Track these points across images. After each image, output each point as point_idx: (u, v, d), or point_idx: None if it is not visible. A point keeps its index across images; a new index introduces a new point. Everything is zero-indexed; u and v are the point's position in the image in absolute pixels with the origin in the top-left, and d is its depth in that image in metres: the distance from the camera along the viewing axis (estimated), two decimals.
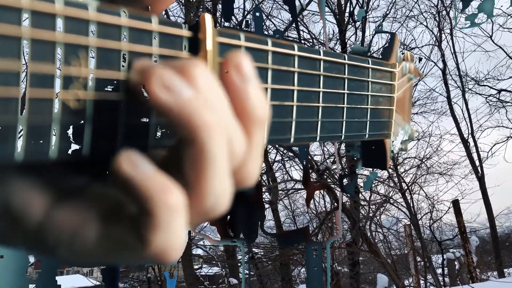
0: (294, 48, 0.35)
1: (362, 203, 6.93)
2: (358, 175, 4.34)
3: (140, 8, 0.28)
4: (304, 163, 3.19)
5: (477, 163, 9.30)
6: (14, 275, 1.79)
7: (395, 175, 7.26)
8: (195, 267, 7.50)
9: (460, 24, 9.43)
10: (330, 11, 7.24)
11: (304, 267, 6.71)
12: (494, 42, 9.44)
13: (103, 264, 0.28)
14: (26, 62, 0.21)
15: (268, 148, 5.98)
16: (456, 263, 7.00)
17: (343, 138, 0.43)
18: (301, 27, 6.43)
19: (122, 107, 0.25)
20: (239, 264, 6.70)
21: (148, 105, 0.24)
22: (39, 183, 0.25)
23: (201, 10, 6.12)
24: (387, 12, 8.29)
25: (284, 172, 7.08)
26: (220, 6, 5.97)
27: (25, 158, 0.21)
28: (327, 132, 0.40)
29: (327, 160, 6.78)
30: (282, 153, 6.65)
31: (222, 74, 0.26)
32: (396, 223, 8.10)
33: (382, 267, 6.45)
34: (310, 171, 5.00)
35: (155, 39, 0.26)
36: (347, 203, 6.09)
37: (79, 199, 0.25)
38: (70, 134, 0.23)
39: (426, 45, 9.61)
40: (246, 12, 6.17)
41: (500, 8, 7.91)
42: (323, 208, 7.04)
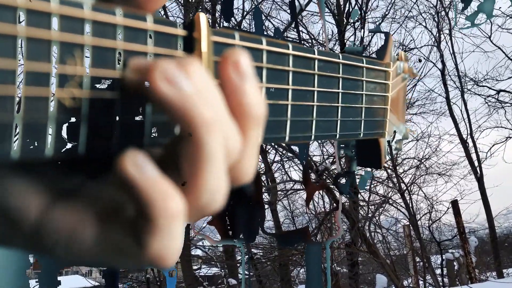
0: (288, 47, 0.35)
1: (361, 203, 6.93)
2: (356, 175, 4.33)
3: (134, 6, 0.28)
4: (304, 163, 3.20)
5: (476, 163, 9.31)
6: (14, 275, 1.79)
7: (394, 175, 7.26)
8: (194, 267, 7.50)
9: (459, 24, 9.44)
10: (329, 11, 7.25)
11: (303, 267, 6.71)
12: (493, 43, 9.44)
13: (101, 265, 0.28)
14: (22, 61, 0.21)
15: (267, 149, 5.97)
16: (455, 263, 6.99)
17: (338, 137, 0.43)
18: (300, 28, 6.43)
19: (117, 105, 0.25)
20: (238, 265, 6.69)
21: (147, 99, 0.24)
22: (36, 183, 0.25)
23: (200, 10, 6.11)
24: (386, 12, 8.30)
25: (283, 173, 7.08)
26: (219, 6, 5.97)
27: (21, 156, 0.21)
28: (322, 131, 0.40)
29: (326, 161, 6.78)
30: (281, 153, 6.66)
31: (219, 72, 0.26)
32: (395, 223, 8.09)
33: (381, 268, 6.44)
34: (309, 171, 5.00)
35: (150, 38, 0.26)
36: (346, 204, 6.08)
37: (75, 199, 0.25)
38: (66, 133, 0.23)
39: (425, 45, 9.64)
40: (245, 12, 6.16)
41: (498, 9, 7.92)
42: (322, 209, 7.04)
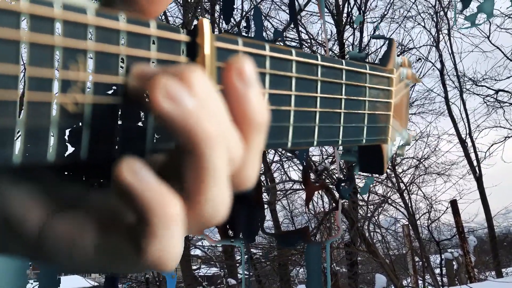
0: (292, 53, 0.35)
1: (360, 203, 6.93)
2: (356, 177, 4.33)
3: (136, 11, 0.27)
4: (303, 163, 3.20)
5: (475, 163, 9.33)
6: (14, 275, 1.79)
7: (393, 175, 7.27)
8: (194, 267, 7.50)
9: (458, 24, 9.45)
10: (328, 11, 7.25)
11: (302, 267, 6.71)
12: (491, 43, 9.47)
13: (102, 272, 0.28)
14: (25, 66, 0.21)
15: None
16: (454, 263, 7.00)
17: (340, 143, 0.43)
18: (299, 28, 6.42)
19: (119, 111, 0.25)
20: (238, 265, 6.69)
21: (147, 109, 0.24)
22: (37, 191, 0.25)
23: (199, 10, 6.10)
24: (385, 12, 8.31)
25: (282, 173, 7.08)
26: (218, 7, 5.97)
27: (23, 161, 0.21)
28: (325, 137, 0.40)
29: (326, 161, 6.78)
30: (280, 153, 6.65)
31: (222, 79, 0.26)
32: (394, 223, 8.10)
33: (380, 267, 6.45)
34: (309, 171, 5.00)
35: (153, 44, 0.26)
36: (345, 204, 6.09)
37: (76, 208, 0.25)
38: (68, 138, 0.23)
39: (424, 45, 9.64)
40: (245, 12, 6.16)
41: (497, 9, 7.94)
42: (322, 209, 7.05)
